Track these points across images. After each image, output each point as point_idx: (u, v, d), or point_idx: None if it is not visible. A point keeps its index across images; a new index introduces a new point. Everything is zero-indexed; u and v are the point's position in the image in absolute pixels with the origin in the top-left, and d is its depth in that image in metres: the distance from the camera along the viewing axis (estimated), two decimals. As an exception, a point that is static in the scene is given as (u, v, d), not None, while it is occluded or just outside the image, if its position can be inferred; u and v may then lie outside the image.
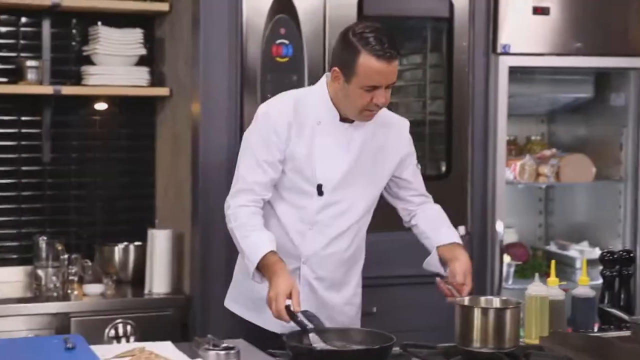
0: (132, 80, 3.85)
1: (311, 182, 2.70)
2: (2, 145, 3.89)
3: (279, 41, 3.56)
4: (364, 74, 2.57)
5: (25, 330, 3.35)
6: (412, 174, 2.88)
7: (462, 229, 3.77)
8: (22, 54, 3.88)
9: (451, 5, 3.80)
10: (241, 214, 2.66)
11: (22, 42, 3.92)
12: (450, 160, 3.81)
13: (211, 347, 2.35)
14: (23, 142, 3.90)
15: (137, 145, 4.06)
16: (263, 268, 2.57)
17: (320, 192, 2.70)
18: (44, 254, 3.69)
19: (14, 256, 3.86)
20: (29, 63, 3.75)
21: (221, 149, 3.51)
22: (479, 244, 3.83)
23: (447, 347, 2.53)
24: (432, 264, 2.82)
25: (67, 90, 3.76)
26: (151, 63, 3.96)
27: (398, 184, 2.87)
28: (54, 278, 3.59)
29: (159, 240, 3.68)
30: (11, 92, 3.78)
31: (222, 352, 2.33)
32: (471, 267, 2.72)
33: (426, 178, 3.86)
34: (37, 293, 3.61)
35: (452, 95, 3.82)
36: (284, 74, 3.57)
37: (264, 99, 3.49)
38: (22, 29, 3.92)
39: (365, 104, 2.61)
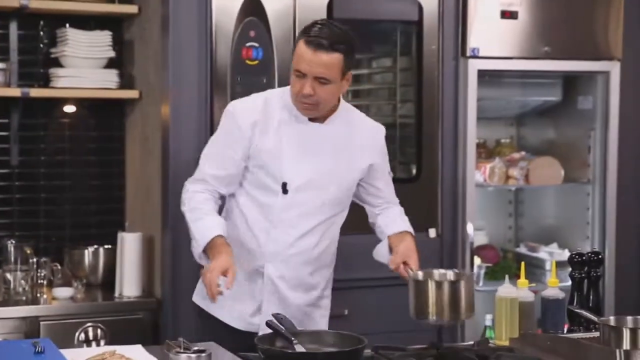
0: (101, 82, 3.82)
1: (277, 180, 2.71)
2: (-28, 148, 3.87)
3: (248, 44, 3.56)
4: (294, 57, 2.64)
5: (-6, 334, 3.32)
6: (384, 182, 2.89)
7: (432, 231, 3.80)
8: (-11, 56, 3.85)
9: (420, 9, 3.81)
10: (195, 199, 2.72)
11: (-11, 44, 3.89)
12: (420, 163, 3.83)
13: (182, 350, 2.33)
14: (-9, 145, 3.88)
15: (107, 148, 4.04)
16: (209, 250, 2.62)
17: (284, 190, 2.71)
18: (12, 258, 3.65)
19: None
20: (-4, 65, 3.73)
21: (191, 151, 3.49)
22: (450, 246, 3.85)
23: (418, 349, 2.54)
24: (380, 253, 2.84)
25: (35, 92, 3.73)
26: (120, 65, 3.94)
27: (367, 189, 2.87)
28: (22, 282, 3.56)
29: (129, 243, 3.66)
30: (-22, 95, 3.75)
31: (194, 355, 2.31)
32: (415, 250, 2.73)
33: (396, 181, 3.88)
34: (5, 297, 3.57)
35: (422, 99, 3.84)
36: (254, 77, 3.57)
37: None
38: (-11, 30, 3.89)
39: (296, 91, 2.64)
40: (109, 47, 3.87)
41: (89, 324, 3.48)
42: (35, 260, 3.60)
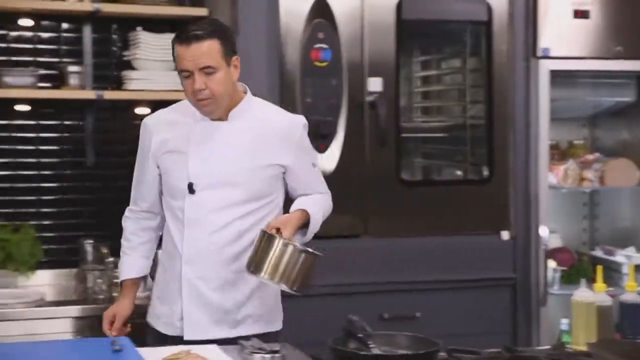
0: (172, 84, 3.84)
1: (184, 181, 2.71)
2: (47, 150, 3.93)
3: (317, 46, 3.56)
4: (175, 60, 2.67)
5: (73, 332, 3.36)
6: (304, 175, 2.81)
7: (505, 233, 3.75)
8: (64, 60, 3.92)
9: (490, 9, 3.78)
10: (126, 230, 2.91)
11: (63, 47, 3.96)
12: (492, 164, 3.79)
13: (256, 351, 2.35)
14: (66, 147, 3.94)
15: (178, 149, 4.07)
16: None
17: (191, 190, 2.70)
18: (89, 257, 3.72)
19: (60, 259, 3.88)
20: (71, 68, 3.79)
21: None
22: (523, 249, 3.80)
23: (493, 352, 2.50)
24: None
25: (109, 94, 3.78)
26: (191, 68, 3.97)
27: (290, 184, 2.80)
28: (99, 281, 3.61)
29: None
30: (54, 97, 3.81)
31: (268, 356, 2.33)
32: (294, 222, 2.65)
33: (468, 182, 3.89)
34: (84, 296, 3.63)
35: (493, 99, 3.80)
36: (323, 79, 3.58)
37: (303, 103, 3.52)
38: (64, 34, 3.96)
39: (190, 92, 2.65)
40: (181, 49, 3.90)
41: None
42: (111, 259, 3.64)
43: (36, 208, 3.92)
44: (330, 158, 3.56)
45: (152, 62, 3.86)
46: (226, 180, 2.69)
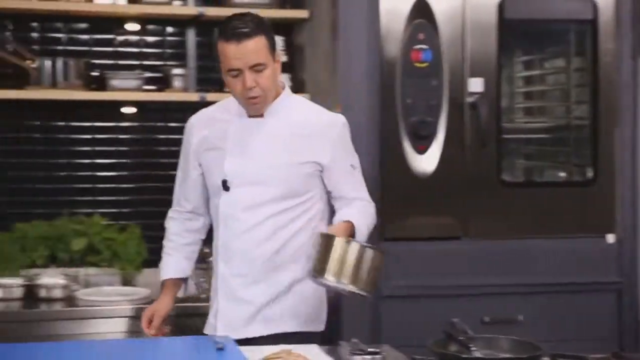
0: (273, 86, 3.90)
1: (221, 178, 2.70)
2: (153, 151, 4.04)
3: (417, 46, 3.54)
4: (222, 59, 2.62)
5: (177, 330, 3.41)
6: (341, 177, 2.75)
7: (611, 237, 3.66)
8: (169, 63, 4.02)
9: (595, 7, 3.70)
10: (169, 231, 2.93)
11: (168, 51, 4.05)
12: (596, 165, 3.70)
13: (356, 352, 2.35)
14: (171, 148, 4.02)
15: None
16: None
17: (225, 187, 2.68)
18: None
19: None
20: (175, 71, 3.88)
21: (361, 155, 3.50)
22: (630, 253, 3.70)
23: (600, 358, 2.44)
24: None
25: (212, 97, 3.83)
26: (292, 69, 4.01)
27: (327, 185, 2.75)
28: (202, 279, 3.66)
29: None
30: (159, 99, 3.92)
31: (368, 357, 2.33)
32: (342, 232, 2.58)
33: (571, 184, 3.81)
34: (186, 294, 3.68)
35: (598, 99, 3.71)
36: (423, 80, 3.56)
37: (403, 104, 3.51)
38: (168, 38, 4.06)
39: (239, 90, 2.61)
40: (281, 51, 3.95)
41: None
42: (211, 259, 3.69)
43: (142, 208, 4.03)
44: (430, 159, 3.54)
45: (253, 64, 3.90)
46: (261, 177, 2.68)
